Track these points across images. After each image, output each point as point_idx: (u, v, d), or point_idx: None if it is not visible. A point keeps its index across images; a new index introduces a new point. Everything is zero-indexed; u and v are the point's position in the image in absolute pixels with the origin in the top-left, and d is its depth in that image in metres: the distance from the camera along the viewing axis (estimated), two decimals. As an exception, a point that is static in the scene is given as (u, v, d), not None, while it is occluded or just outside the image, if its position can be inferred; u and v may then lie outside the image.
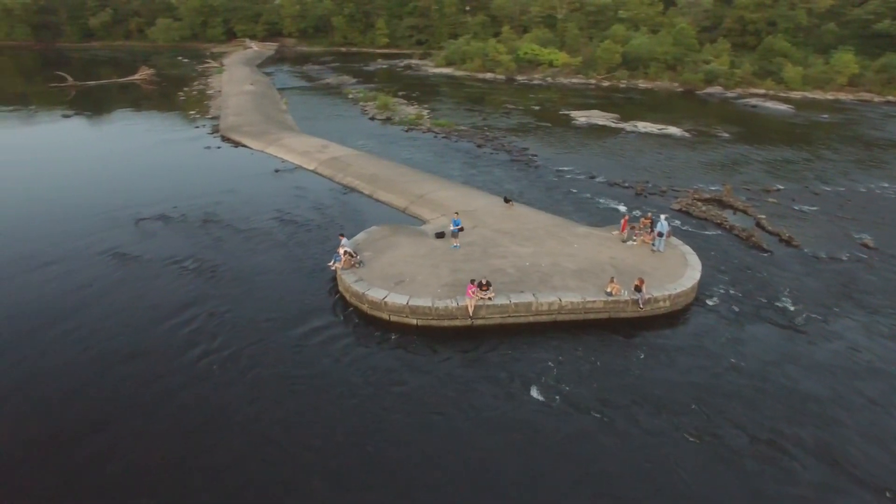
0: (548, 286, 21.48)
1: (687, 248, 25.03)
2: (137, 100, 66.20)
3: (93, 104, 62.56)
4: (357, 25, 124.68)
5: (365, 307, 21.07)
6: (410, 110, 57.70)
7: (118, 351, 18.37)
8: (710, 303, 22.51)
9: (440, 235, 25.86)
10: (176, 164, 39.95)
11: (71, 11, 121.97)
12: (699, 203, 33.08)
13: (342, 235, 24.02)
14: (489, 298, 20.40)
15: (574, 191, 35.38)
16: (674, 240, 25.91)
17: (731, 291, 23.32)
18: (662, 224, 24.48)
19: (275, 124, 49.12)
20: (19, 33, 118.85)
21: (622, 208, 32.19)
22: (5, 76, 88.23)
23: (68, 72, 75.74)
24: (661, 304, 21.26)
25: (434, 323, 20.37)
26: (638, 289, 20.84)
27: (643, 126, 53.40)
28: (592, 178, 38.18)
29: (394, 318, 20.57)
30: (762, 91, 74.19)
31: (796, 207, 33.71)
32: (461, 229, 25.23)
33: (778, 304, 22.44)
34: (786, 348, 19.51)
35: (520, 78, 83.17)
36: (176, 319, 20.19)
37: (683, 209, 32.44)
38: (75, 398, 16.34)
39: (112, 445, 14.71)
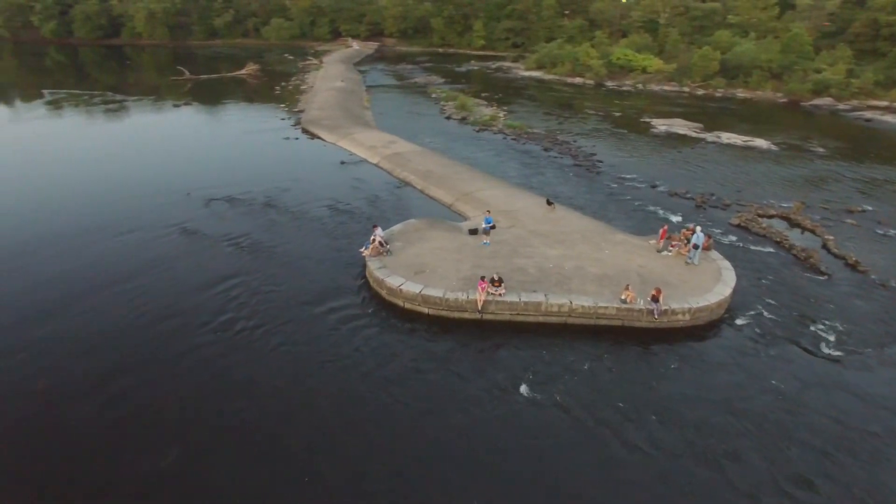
0: (563, 288, 21.49)
1: (725, 264, 23.86)
2: (240, 92, 72.15)
3: (201, 96, 69.01)
4: (455, 27, 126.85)
5: (384, 293, 22.22)
6: (487, 111, 58.39)
7: (160, 310, 20.87)
8: (739, 321, 21.44)
9: (473, 232, 26.48)
10: (255, 152, 43.51)
11: (200, 13, 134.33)
12: (761, 219, 31.14)
13: (376, 226, 25.31)
14: (500, 294, 20.80)
15: (628, 198, 34.53)
16: (714, 253, 24.78)
17: (767, 313, 22.01)
18: (698, 236, 23.54)
19: (352, 119, 51.81)
20: (159, 33, 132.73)
21: (674, 219, 31.06)
22: (144, 70, 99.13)
23: (192, 67, 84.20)
24: (680, 317, 20.58)
25: (444, 313, 21.09)
26: (655, 299, 20.33)
27: (727, 137, 50.53)
28: (654, 187, 36.99)
29: (407, 306, 21.54)
30: (885, 103, 67.15)
31: (879, 231, 30.81)
32: (493, 227, 25.70)
33: (816, 330, 20.94)
34: (808, 379, 18.17)
35: (609, 83, 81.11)
36: (215, 289, 22.44)
37: (742, 224, 30.70)
38: (116, 345, 18.89)
39: (137, 385, 17.02)
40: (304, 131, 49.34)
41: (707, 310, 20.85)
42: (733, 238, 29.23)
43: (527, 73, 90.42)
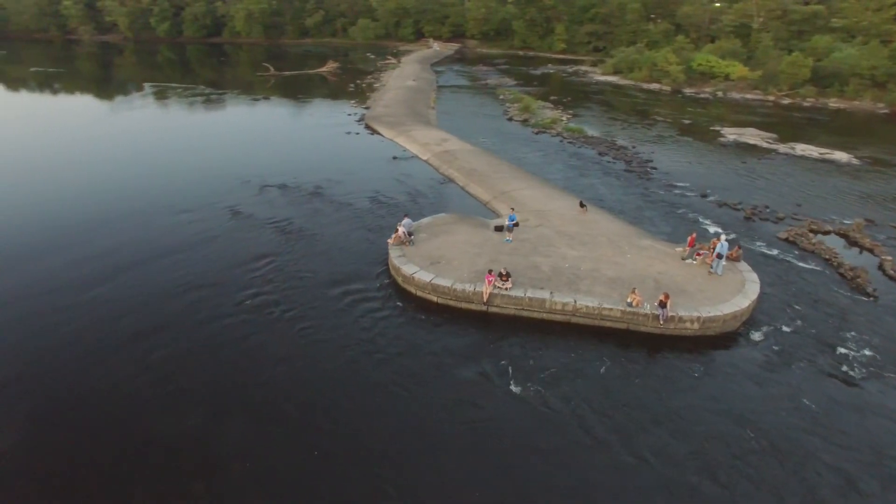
0: (571, 288, 21.64)
1: (752, 276, 22.97)
2: (317, 89, 76.09)
3: (281, 91, 73.53)
4: (537, 30, 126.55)
5: (399, 280, 23.33)
6: (550, 114, 58.25)
7: (195, 280, 23.14)
8: (755, 336, 20.66)
9: (499, 229, 27.04)
10: (315, 145, 46.18)
11: (293, 13, 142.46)
12: (812, 234, 29.41)
13: (406, 216, 26.52)
14: (506, 289, 21.31)
15: (672, 205, 33.65)
16: (743, 265, 23.89)
17: (789, 329, 21.05)
18: (723, 245, 22.83)
19: (414, 117, 53.46)
20: (255, 32, 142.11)
21: (713, 229, 29.99)
22: (237, 66, 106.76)
23: (282, 64, 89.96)
24: (688, 325, 20.17)
25: (452, 303, 21.87)
26: (662, 304, 20.07)
27: (802, 149, 47.54)
28: (704, 196, 35.74)
29: (418, 293, 22.51)
30: None
31: (952, 257, 28.19)
32: (516, 224, 26.14)
33: (841, 351, 19.80)
34: (820, 405, 17.12)
35: (687, 90, 78.03)
36: (248, 266, 24.47)
37: (790, 239, 29.16)
38: (153, 307, 21.27)
39: (164, 343, 19.13)
40: (367, 127, 51.56)
41: (718, 320, 20.27)
42: (776, 252, 27.89)
43: (602, 78, 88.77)
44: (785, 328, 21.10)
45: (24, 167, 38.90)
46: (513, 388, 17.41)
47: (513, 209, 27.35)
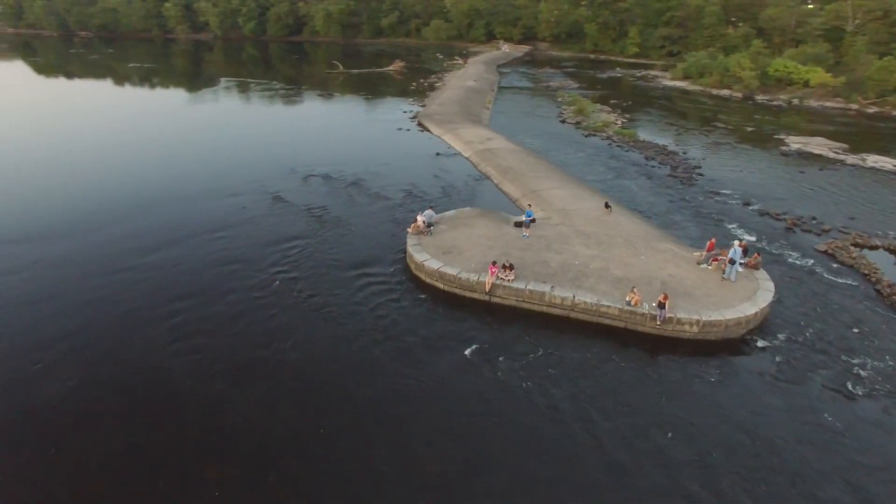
0: (574, 284, 21.97)
1: (767, 285, 22.35)
2: (380, 86, 78.65)
3: (347, 88, 76.72)
4: (609, 33, 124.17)
5: (413, 267, 24.48)
6: (605, 117, 57.59)
7: (229, 256, 25.38)
8: (760, 344, 20.22)
9: (519, 224, 27.58)
10: (365, 139, 48.26)
11: (370, 14, 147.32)
12: (854, 248, 27.94)
13: (430, 207, 27.66)
14: (509, 280, 21.95)
15: (708, 212, 32.83)
16: (761, 273, 23.25)
17: (800, 340, 20.40)
18: (735, 251, 22.36)
19: (465, 116, 54.49)
20: (333, 31, 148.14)
21: (747, 237, 29.11)
22: (312, 63, 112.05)
23: (357, 62, 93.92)
24: (687, 327, 20.05)
25: (457, 291, 22.76)
26: (661, 305, 20.06)
27: (874, 160, 44.65)
28: (747, 204, 34.57)
29: (427, 280, 23.56)
30: None
31: None
32: (533, 220, 26.65)
33: (849, 368, 18.97)
34: (807, 418, 16.62)
35: (759, 97, 74.42)
36: (279, 246, 26.43)
37: (829, 251, 27.87)
38: (188, 276, 23.63)
39: (195, 305, 21.39)
40: (419, 124, 53.15)
41: (719, 325, 20.00)
42: (810, 263, 26.79)
43: (670, 83, 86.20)
44: (795, 339, 20.47)
45: (104, 151, 43.29)
46: (499, 374, 18.07)
47: (530, 205, 27.83)
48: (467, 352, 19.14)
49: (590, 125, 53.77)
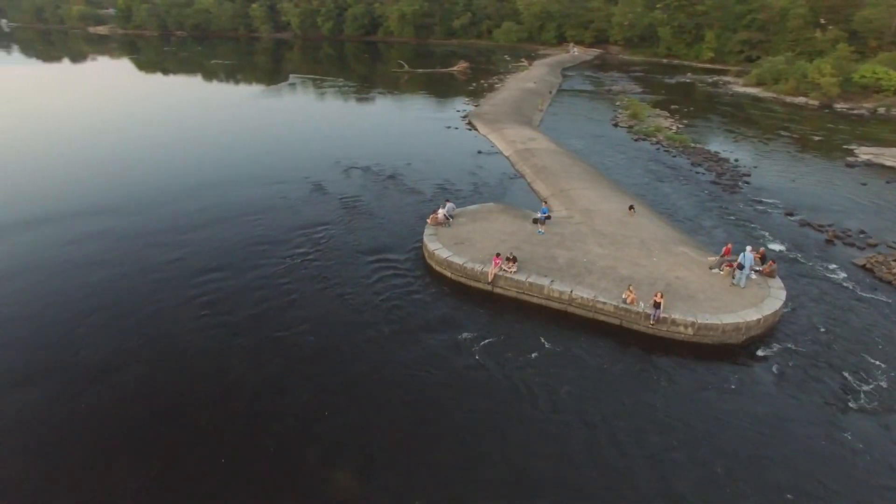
0: (576, 280, 22.34)
1: (779, 293, 21.78)
2: (441, 86, 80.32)
3: (409, 86, 78.99)
4: (684, 37, 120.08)
5: (426, 255, 25.61)
6: (659, 122, 56.40)
7: (260, 237, 27.52)
8: (760, 353, 19.83)
9: (536, 221, 28.10)
10: (412, 135, 50.01)
11: (443, 15, 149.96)
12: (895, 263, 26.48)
13: (448, 201, 28.75)
14: (511, 272, 22.65)
15: (743, 219, 31.90)
16: (776, 281, 22.65)
17: (806, 352, 19.80)
18: (745, 256, 21.97)
19: (515, 117, 55.00)
20: (406, 32, 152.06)
21: (776, 247, 28.22)
22: (386, 63, 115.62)
23: (427, 62, 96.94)
24: (682, 329, 20.00)
25: (462, 280, 23.68)
26: (656, 304, 20.13)
27: (952, 177, 41.40)
28: (790, 214, 33.25)
29: (437, 268, 24.63)
30: None
31: None
32: (548, 217, 27.13)
33: (852, 387, 18.15)
34: (777, 437, 16.00)
35: (839, 106, 69.95)
36: (306, 230, 28.32)
37: (868, 266, 26.54)
38: (220, 252, 25.89)
39: (222, 278, 23.48)
40: (468, 123, 54.23)
41: (716, 329, 19.81)
42: (843, 276, 25.65)
43: (741, 90, 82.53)
44: (799, 351, 19.89)
45: (173, 139, 47.44)
46: (477, 357, 18.87)
47: (545, 202, 28.25)
48: (460, 337, 19.99)
49: (641, 129, 52.84)
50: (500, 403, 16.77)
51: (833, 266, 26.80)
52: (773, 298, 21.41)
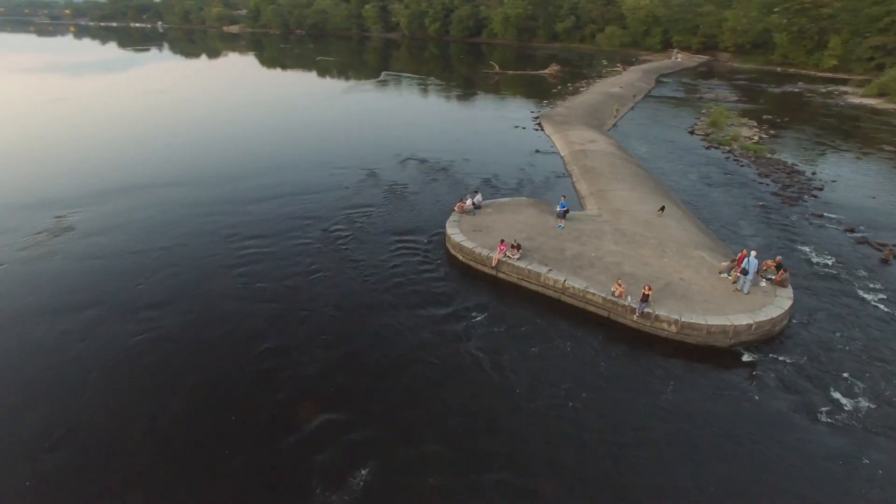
0: (576, 272, 23.10)
1: (785, 302, 21.17)
2: (528, 88, 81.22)
3: (495, 87, 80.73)
4: (804, 43, 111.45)
5: (446, 239, 27.43)
6: (738, 131, 53.84)
7: (306, 213, 30.66)
8: (746, 358, 19.53)
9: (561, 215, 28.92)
10: (478, 132, 51.71)
11: (546, 18, 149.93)
12: (946, 288, 24.42)
13: (477, 192, 30.35)
14: (515, 258, 23.90)
15: (789, 231, 30.43)
16: (786, 291, 22.00)
17: (796, 363, 19.22)
18: (749, 261, 21.57)
19: (586, 120, 54.98)
20: (509, 34, 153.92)
21: (820, 260, 26.98)
22: (483, 64, 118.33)
23: (527, 64, 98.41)
24: (665, 325, 20.25)
25: (471, 263, 25.22)
26: (644, 298, 20.54)
27: None
28: (850, 230, 31.24)
29: (451, 251, 26.37)
30: None
31: None
32: (566, 212, 27.87)
33: (835, 405, 17.37)
34: (725, 447, 15.74)
35: (973, 121, 62.46)
36: (347, 210, 31.10)
37: (915, 287, 24.75)
38: (267, 224, 29.26)
39: (261, 245, 26.71)
40: (537, 123, 55.07)
41: (700, 329, 19.84)
42: (881, 298, 24.07)
43: (858, 101, 75.82)
44: (790, 362, 19.31)
45: (257, 125, 52.82)
46: (460, 329, 20.41)
47: (563, 197, 28.87)
48: (451, 310, 21.62)
49: (716, 138, 50.85)
50: (460, 362, 18.25)
51: (876, 286, 25.16)
52: (773, 307, 20.93)
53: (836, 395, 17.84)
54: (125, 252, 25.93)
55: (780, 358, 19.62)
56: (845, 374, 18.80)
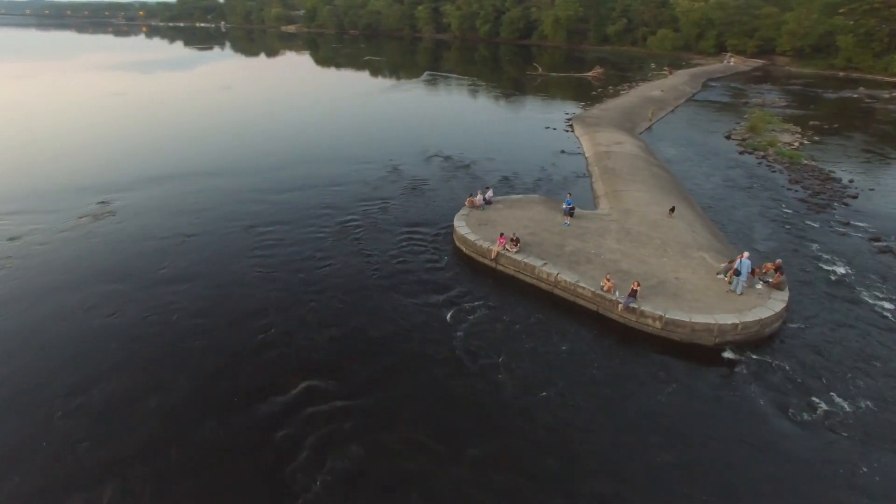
0: (571, 268, 23.65)
1: (777, 304, 21.09)
2: (568, 90, 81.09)
3: (536, 89, 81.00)
4: (872, 46, 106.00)
5: (453, 232, 28.43)
6: (779, 137, 52.31)
7: (325, 203, 32.30)
8: (727, 355, 19.67)
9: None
10: (507, 132, 52.48)
11: (597, 21, 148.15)
12: (964, 302, 23.55)
13: (489, 188, 31.21)
14: (513, 251, 24.66)
15: (807, 237, 29.77)
16: (781, 294, 21.88)
17: (780, 365, 19.17)
18: (743, 263, 21.57)
19: (618, 122, 54.67)
20: (559, 36, 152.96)
21: (834, 269, 26.50)
22: (526, 65, 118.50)
23: (578, 66, 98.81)
24: (650, 321, 20.57)
25: (473, 255, 26.12)
26: (632, 293, 20.93)
27: None
28: (874, 239, 30.30)
29: (456, 243, 27.34)
30: None
31: None
32: (573, 209, 28.34)
33: (813, 409, 17.31)
34: (705, 443, 16.11)
35: None
36: (364, 203, 32.50)
37: (935, 302, 23.97)
38: (287, 212, 31.03)
39: (277, 231, 28.48)
40: (569, 125, 55.21)
41: (685, 326, 20.07)
42: (891, 308, 23.52)
43: (922, 108, 71.82)
44: (773, 364, 19.28)
45: (295, 121, 55.25)
46: (449, 316, 21.36)
47: (569, 194, 29.30)
48: (447, 296, 22.60)
49: (751, 143, 49.66)
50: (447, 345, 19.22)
51: (885, 295, 24.55)
52: (764, 308, 20.89)
53: (815, 398, 17.78)
54: (156, 237, 28.05)
55: (765, 359, 19.62)
56: (829, 380, 18.65)
